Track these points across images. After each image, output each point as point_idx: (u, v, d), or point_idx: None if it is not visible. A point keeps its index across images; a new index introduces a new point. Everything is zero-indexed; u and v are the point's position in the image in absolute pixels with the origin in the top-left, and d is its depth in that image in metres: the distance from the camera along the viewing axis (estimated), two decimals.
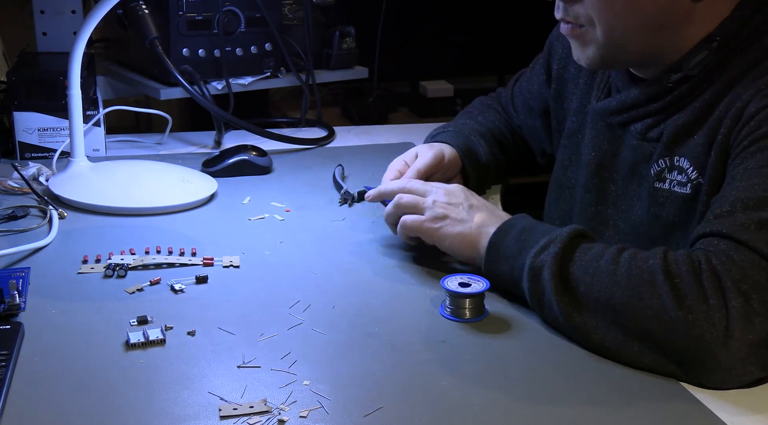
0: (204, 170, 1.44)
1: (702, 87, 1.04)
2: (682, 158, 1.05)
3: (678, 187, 1.06)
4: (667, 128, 1.07)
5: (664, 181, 1.07)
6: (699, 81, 1.04)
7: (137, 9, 1.54)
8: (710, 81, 1.03)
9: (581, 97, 1.24)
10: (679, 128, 1.05)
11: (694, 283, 0.86)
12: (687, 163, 1.04)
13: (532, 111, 1.38)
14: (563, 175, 1.27)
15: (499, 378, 0.89)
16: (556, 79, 1.31)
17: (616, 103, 1.13)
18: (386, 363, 0.91)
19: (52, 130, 1.47)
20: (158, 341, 0.92)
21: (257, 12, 1.67)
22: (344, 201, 1.34)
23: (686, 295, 0.86)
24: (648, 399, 0.86)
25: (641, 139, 1.11)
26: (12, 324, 0.93)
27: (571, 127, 1.25)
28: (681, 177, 1.05)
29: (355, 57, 1.90)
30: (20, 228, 1.20)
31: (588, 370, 0.91)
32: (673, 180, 1.06)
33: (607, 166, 1.16)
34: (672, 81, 1.05)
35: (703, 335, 0.85)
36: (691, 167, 1.04)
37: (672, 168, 1.06)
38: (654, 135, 1.09)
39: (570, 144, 1.25)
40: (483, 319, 1.00)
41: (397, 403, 0.84)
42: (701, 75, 1.04)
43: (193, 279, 1.06)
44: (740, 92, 0.99)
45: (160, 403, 0.82)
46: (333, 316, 1.00)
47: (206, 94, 1.59)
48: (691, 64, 1.03)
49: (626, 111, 1.12)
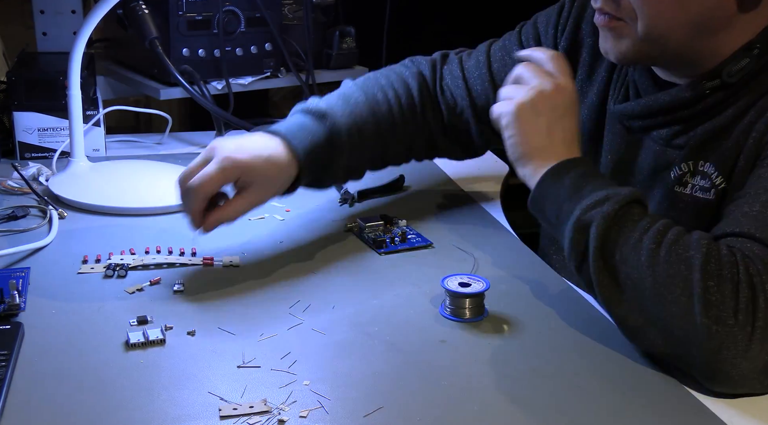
0: None
1: (738, 95, 1.01)
2: (708, 163, 1.02)
3: (701, 192, 1.02)
4: (695, 135, 1.03)
5: (686, 186, 1.04)
6: (736, 89, 1.01)
7: (137, 9, 1.54)
8: (747, 89, 1.00)
9: (599, 93, 1.18)
10: (707, 135, 1.02)
11: (729, 294, 0.83)
12: (712, 169, 1.01)
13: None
14: None
15: (500, 378, 0.89)
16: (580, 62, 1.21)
17: (641, 107, 1.08)
18: (386, 363, 0.91)
19: (52, 130, 1.47)
20: (158, 341, 0.92)
21: (257, 12, 1.67)
22: (344, 201, 1.34)
23: (717, 305, 0.83)
24: (649, 400, 0.86)
25: (665, 144, 1.07)
26: (12, 324, 0.93)
27: (589, 125, 1.18)
28: (704, 182, 1.02)
29: (355, 57, 1.90)
30: (20, 228, 1.20)
31: (588, 371, 0.91)
32: (696, 185, 1.03)
33: (624, 171, 1.13)
34: (709, 87, 1.01)
35: (721, 349, 0.83)
36: (716, 172, 1.01)
37: (695, 173, 1.03)
38: (681, 142, 1.05)
39: (586, 145, 1.17)
40: (483, 319, 1.00)
41: (397, 403, 0.84)
42: (739, 83, 1.00)
43: (190, 278, 1.06)
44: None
45: (160, 403, 0.82)
46: (333, 316, 1.00)
47: (206, 94, 1.59)
48: (731, 71, 0.99)
49: (651, 116, 1.08)
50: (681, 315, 0.85)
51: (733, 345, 0.83)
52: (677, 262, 0.86)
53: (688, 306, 0.84)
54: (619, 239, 0.91)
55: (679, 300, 0.85)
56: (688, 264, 0.86)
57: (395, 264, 1.14)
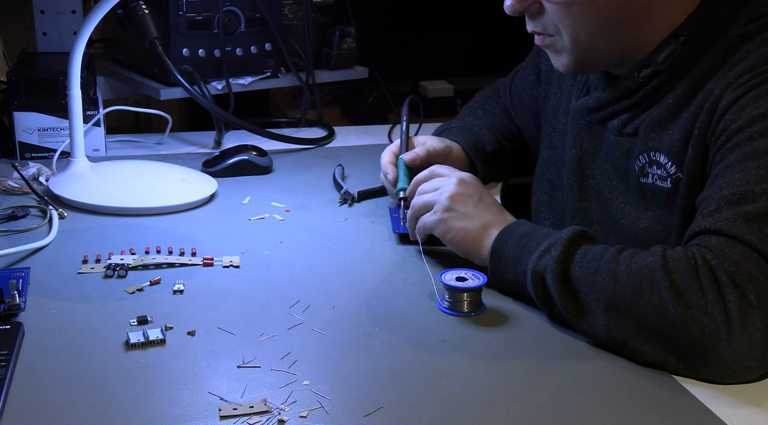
0: (204, 170, 1.44)
1: (673, 81, 1.05)
2: (659, 153, 1.06)
3: (660, 181, 1.07)
4: (642, 123, 1.08)
5: (648, 176, 1.08)
6: (669, 75, 1.05)
7: (137, 9, 1.54)
8: (680, 75, 1.05)
9: (566, 97, 1.26)
10: (653, 123, 1.07)
11: (692, 279, 0.87)
12: (664, 158, 1.05)
13: (527, 111, 1.40)
14: (556, 176, 1.27)
15: (499, 377, 0.89)
16: (544, 79, 1.33)
17: (593, 100, 1.15)
18: (386, 363, 0.91)
19: (52, 130, 1.47)
20: (158, 341, 0.92)
21: (257, 12, 1.67)
22: (344, 201, 1.34)
23: (684, 291, 0.87)
24: (648, 399, 0.86)
25: (618, 134, 1.12)
26: (12, 324, 0.93)
27: (562, 127, 1.26)
28: (661, 171, 1.06)
29: (355, 57, 1.90)
30: (20, 228, 1.20)
31: (587, 368, 0.91)
32: (654, 174, 1.07)
33: (587, 163, 1.18)
34: (642, 76, 1.07)
35: (703, 329, 0.85)
36: (669, 162, 1.05)
37: (651, 163, 1.07)
38: (630, 130, 1.10)
39: (562, 145, 1.25)
40: (481, 314, 1.00)
41: (397, 403, 0.84)
42: (671, 69, 1.05)
43: (190, 278, 1.06)
44: (712, 87, 1.00)
45: (160, 403, 0.82)
46: (333, 316, 1.00)
47: (206, 94, 1.59)
48: (659, 59, 1.05)
49: (602, 108, 1.14)
50: (657, 312, 0.88)
51: (713, 322, 0.85)
52: (639, 270, 0.91)
53: (660, 302, 0.88)
54: (579, 273, 0.95)
55: (651, 300, 0.89)
56: (649, 268, 0.90)
57: (395, 264, 1.14)
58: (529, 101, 1.39)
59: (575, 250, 0.97)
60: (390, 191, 1.30)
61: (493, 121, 1.43)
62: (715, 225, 0.91)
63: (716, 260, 0.88)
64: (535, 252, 0.99)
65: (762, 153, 0.92)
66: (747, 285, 0.86)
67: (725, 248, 0.88)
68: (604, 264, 0.93)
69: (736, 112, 0.96)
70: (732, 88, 0.98)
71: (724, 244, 0.89)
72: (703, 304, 0.86)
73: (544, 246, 0.98)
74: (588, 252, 0.96)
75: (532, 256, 0.99)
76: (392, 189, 1.27)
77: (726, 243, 0.89)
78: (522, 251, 1.02)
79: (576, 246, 0.97)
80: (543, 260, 0.97)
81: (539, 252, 0.98)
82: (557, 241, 0.98)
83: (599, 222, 1.17)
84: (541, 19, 1.08)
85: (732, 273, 0.86)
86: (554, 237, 0.99)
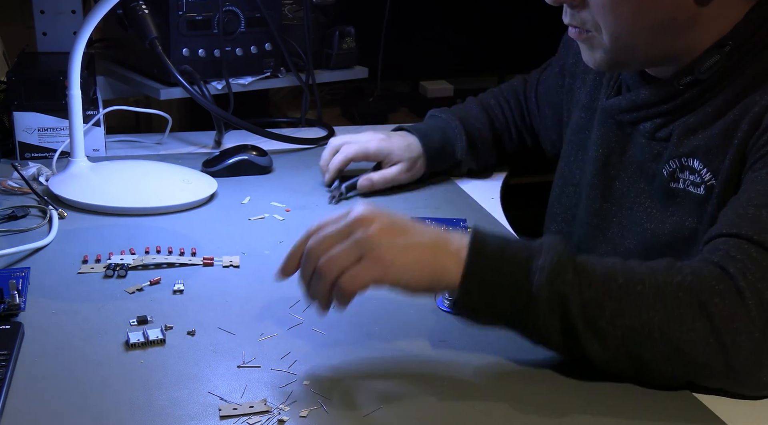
0: (204, 170, 1.44)
1: (714, 90, 1.03)
2: (692, 159, 1.04)
3: (692, 187, 1.04)
4: (676, 129, 1.06)
5: (679, 181, 1.06)
6: (711, 85, 1.03)
7: (137, 9, 1.54)
8: (723, 85, 1.02)
9: (590, 92, 1.24)
10: (688, 129, 1.04)
11: (738, 304, 0.82)
12: (699, 164, 1.03)
13: (550, 103, 1.40)
14: (569, 171, 1.26)
15: (500, 377, 0.89)
16: (569, 73, 1.32)
17: (626, 102, 1.12)
18: (386, 363, 0.91)
19: (52, 130, 1.47)
20: (158, 341, 0.92)
21: (257, 12, 1.67)
22: (333, 198, 1.35)
23: (729, 318, 0.82)
24: (648, 399, 0.86)
25: (650, 138, 1.10)
26: (12, 324, 0.93)
27: (579, 122, 1.25)
28: (694, 177, 1.04)
29: (355, 57, 1.90)
30: (20, 228, 1.20)
31: (587, 370, 0.90)
32: (687, 180, 1.05)
33: (614, 163, 1.16)
34: (683, 83, 1.04)
35: (751, 356, 0.82)
36: (704, 168, 1.03)
37: (683, 168, 1.05)
38: (663, 135, 1.08)
39: (576, 140, 1.25)
40: None
41: (397, 403, 0.84)
42: (713, 79, 1.02)
43: (190, 278, 1.06)
44: (757, 97, 0.98)
45: (160, 403, 0.82)
46: (333, 316, 1.00)
47: (206, 94, 1.59)
48: (702, 68, 1.02)
49: (636, 110, 1.11)
50: (700, 340, 0.82)
51: (759, 351, 0.82)
52: (676, 292, 0.83)
53: (704, 331, 0.82)
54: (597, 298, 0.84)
55: (693, 327, 0.82)
56: (687, 290, 0.83)
57: None
58: (553, 93, 1.39)
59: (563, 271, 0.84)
60: None
61: (467, 113, 1.47)
62: (758, 235, 0.86)
63: (763, 283, 0.83)
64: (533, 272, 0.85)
65: None
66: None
67: (758, 257, 0.84)
68: (635, 287, 0.84)
69: None
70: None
71: (757, 253, 0.85)
72: (752, 330, 0.82)
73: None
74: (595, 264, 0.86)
75: (532, 277, 0.85)
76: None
77: (758, 252, 0.85)
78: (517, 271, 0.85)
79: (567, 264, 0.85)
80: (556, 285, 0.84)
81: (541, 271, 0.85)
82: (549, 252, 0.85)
83: (618, 225, 1.15)
84: (582, 13, 1.04)
85: None
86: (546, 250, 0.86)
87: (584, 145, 1.23)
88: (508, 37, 2.31)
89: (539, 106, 1.44)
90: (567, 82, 1.32)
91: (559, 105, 1.36)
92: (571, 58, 1.31)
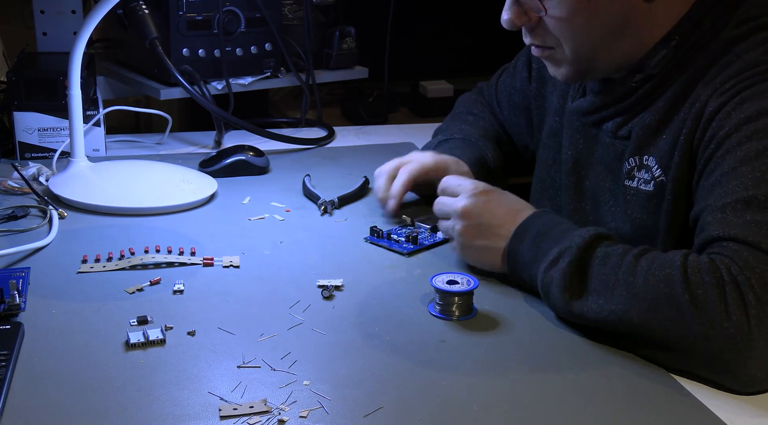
0: (201, 170, 1.44)
1: (665, 85, 1.05)
2: (650, 157, 1.06)
3: (643, 184, 1.07)
4: (635, 127, 1.08)
5: (633, 179, 1.09)
6: (661, 80, 1.05)
7: (137, 9, 1.54)
8: (672, 79, 1.05)
9: (561, 96, 1.25)
10: (646, 127, 1.07)
11: (717, 298, 0.85)
12: (654, 162, 1.06)
13: (516, 107, 1.39)
14: (547, 174, 1.27)
15: (499, 377, 0.89)
16: (536, 77, 1.32)
17: (588, 103, 1.15)
18: (386, 363, 0.91)
19: (52, 130, 1.47)
20: (158, 341, 0.92)
21: (257, 12, 1.67)
22: (324, 210, 1.31)
23: (708, 310, 0.85)
24: (648, 399, 0.86)
25: (613, 137, 1.12)
26: (12, 324, 0.93)
27: (554, 126, 1.26)
28: (647, 175, 1.07)
29: (355, 57, 1.90)
30: (20, 228, 1.20)
31: (586, 368, 0.91)
32: (640, 178, 1.08)
33: (583, 164, 1.18)
34: (635, 80, 1.07)
35: (723, 353, 0.84)
36: (656, 166, 1.05)
37: (641, 166, 1.08)
38: (624, 133, 1.10)
39: (553, 143, 1.26)
40: (472, 318, 1.00)
41: (397, 403, 0.84)
42: (663, 74, 1.05)
43: (190, 278, 1.06)
44: (700, 91, 1.00)
45: (160, 403, 0.82)
46: (333, 316, 1.00)
47: (206, 94, 1.59)
48: (651, 64, 1.05)
49: (597, 111, 1.14)
50: (676, 329, 0.87)
51: (734, 347, 0.83)
52: (656, 284, 0.88)
53: (680, 320, 0.86)
54: (590, 285, 0.93)
55: (669, 317, 0.87)
56: (668, 281, 0.88)
57: (395, 264, 1.14)
58: (519, 97, 1.37)
59: (591, 258, 0.95)
60: None
61: (486, 128, 1.40)
62: (731, 232, 0.89)
63: (742, 276, 0.85)
64: (544, 260, 0.98)
65: (753, 156, 0.91)
66: None
67: (749, 257, 0.86)
68: (622, 277, 0.91)
69: (722, 119, 0.96)
70: (717, 93, 0.98)
71: (747, 253, 0.86)
72: (727, 326, 0.83)
73: (554, 254, 0.97)
74: (606, 261, 0.94)
75: (542, 265, 0.98)
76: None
77: (749, 252, 0.86)
78: (535, 253, 1.00)
79: (591, 252, 0.95)
80: (551, 271, 0.97)
81: (548, 261, 0.97)
82: (567, 250, 0.96)
83: (594, 223, 1.16)
84: (540, 33, 1.08)
85: (758, 289, 0.84)
86: (565, 243, 0.97)
87: (560, 148, 1.24)
88: (508, 37, 2.31)
89: (507, 113, 1.41)
90: (535, 87, 1.32)
91: (525, 108, 1.36)
92: (536, 62, 1.32)
